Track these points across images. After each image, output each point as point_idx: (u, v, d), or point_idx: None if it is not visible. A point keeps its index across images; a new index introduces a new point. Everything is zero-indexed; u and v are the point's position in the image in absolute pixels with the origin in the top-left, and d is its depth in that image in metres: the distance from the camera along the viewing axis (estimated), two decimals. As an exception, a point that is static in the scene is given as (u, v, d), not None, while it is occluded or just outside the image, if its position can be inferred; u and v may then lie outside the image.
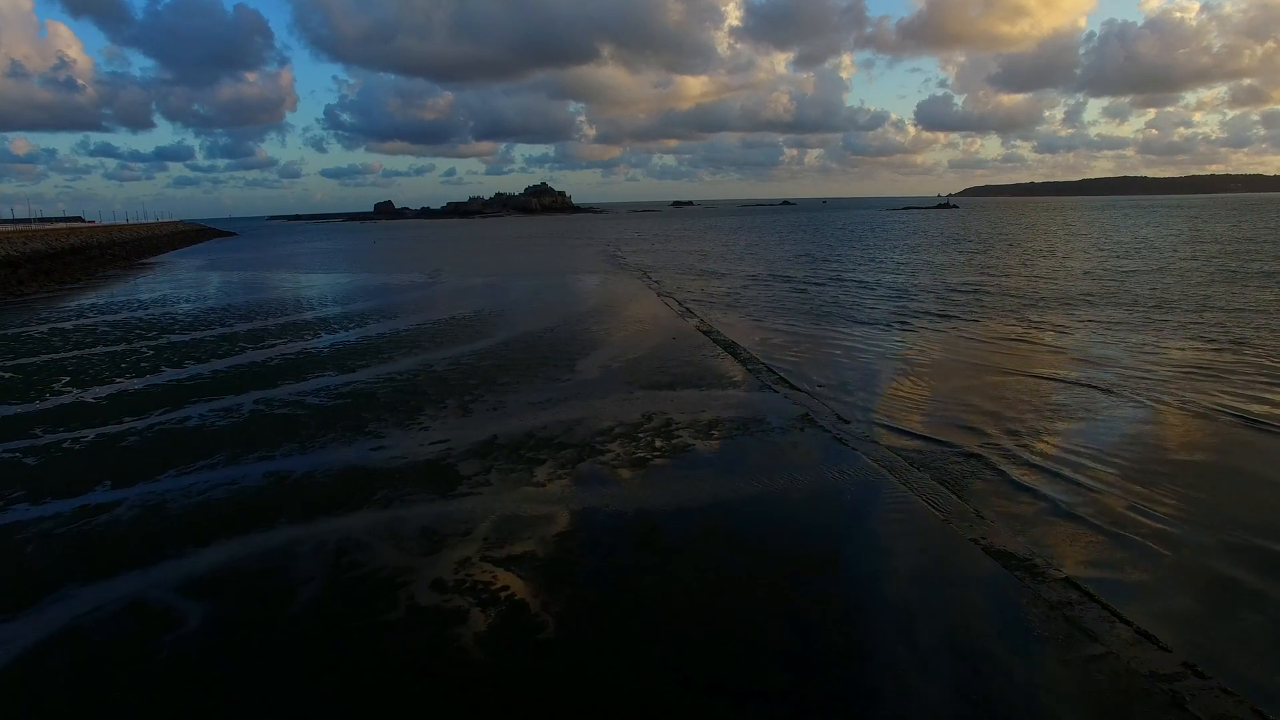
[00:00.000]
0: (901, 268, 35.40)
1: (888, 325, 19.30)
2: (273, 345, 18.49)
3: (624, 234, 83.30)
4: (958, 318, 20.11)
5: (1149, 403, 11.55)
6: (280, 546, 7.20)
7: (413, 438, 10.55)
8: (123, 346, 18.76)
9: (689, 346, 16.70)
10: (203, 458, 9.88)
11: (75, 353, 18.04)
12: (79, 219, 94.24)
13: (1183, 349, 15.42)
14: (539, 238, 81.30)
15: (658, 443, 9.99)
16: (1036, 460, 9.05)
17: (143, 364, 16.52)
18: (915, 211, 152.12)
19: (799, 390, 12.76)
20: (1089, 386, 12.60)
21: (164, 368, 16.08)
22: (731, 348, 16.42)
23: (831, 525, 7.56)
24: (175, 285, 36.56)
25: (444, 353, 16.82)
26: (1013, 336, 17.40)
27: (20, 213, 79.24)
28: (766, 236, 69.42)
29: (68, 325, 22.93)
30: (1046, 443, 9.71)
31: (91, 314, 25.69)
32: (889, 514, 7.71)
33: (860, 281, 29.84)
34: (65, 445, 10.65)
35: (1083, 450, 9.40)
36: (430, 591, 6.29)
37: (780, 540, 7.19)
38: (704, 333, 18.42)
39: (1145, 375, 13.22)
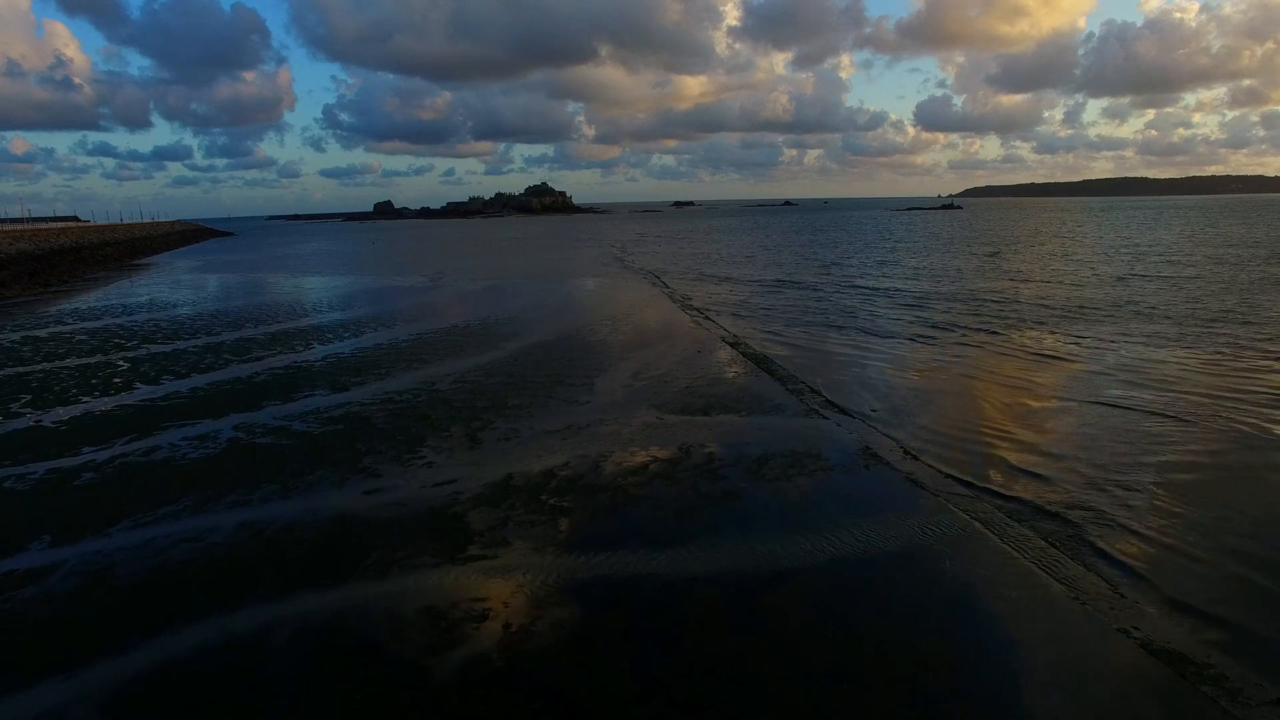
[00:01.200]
0: (919, 273, 33.92)
1: (921, 339, 17.82)
2: (260, 358, 16.98)
3: (627, 235, 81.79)
4: (996, 331, 18.62)
5: (1258, 441, 10.03)
6: (246, 636, 5.71)
7: (414, 476, 9.06)
8: (98, 358, 17.25)
9: (717, 362, 15.22)
10: (166, 503, 8.38)
11: (44, 365, 16.52)
12: (74, 218, 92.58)
13: (1264, 371, 13.93)
14: (541, 239, 79.77)
15: (702, 486, 8.50)
16: (1151, 521, 7.53)
17: (116, 379, 15.01)
18: (919, 212, 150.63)
19: (850, 415, 11.29)
20: (1170, 417, 11.04)
21: (138, 384, 14.57)
22: (764, 363, 14.94)
23: (938, 605, 6.05)
24: (164, 288, 35.01)
25: (448, 367, 15.33)
26: (1064, 354, 15.87)
27: (14, 213, 77.52)
28: (772, 238, 67.88)
29: (43, 333, 21.40)
30: (1157, 491, 8.22)
31: (71, 320, 24.16)
32: (1005, 589, 6.23)
33: (877, 288, 28.34)
34: (7, 485, 9.13)
35: (1206, 500, 7.94)
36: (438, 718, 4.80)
37: (878, 628, 5.71)
38: (730, 345, 16.95)
39: (1234, 403, 11.70)
